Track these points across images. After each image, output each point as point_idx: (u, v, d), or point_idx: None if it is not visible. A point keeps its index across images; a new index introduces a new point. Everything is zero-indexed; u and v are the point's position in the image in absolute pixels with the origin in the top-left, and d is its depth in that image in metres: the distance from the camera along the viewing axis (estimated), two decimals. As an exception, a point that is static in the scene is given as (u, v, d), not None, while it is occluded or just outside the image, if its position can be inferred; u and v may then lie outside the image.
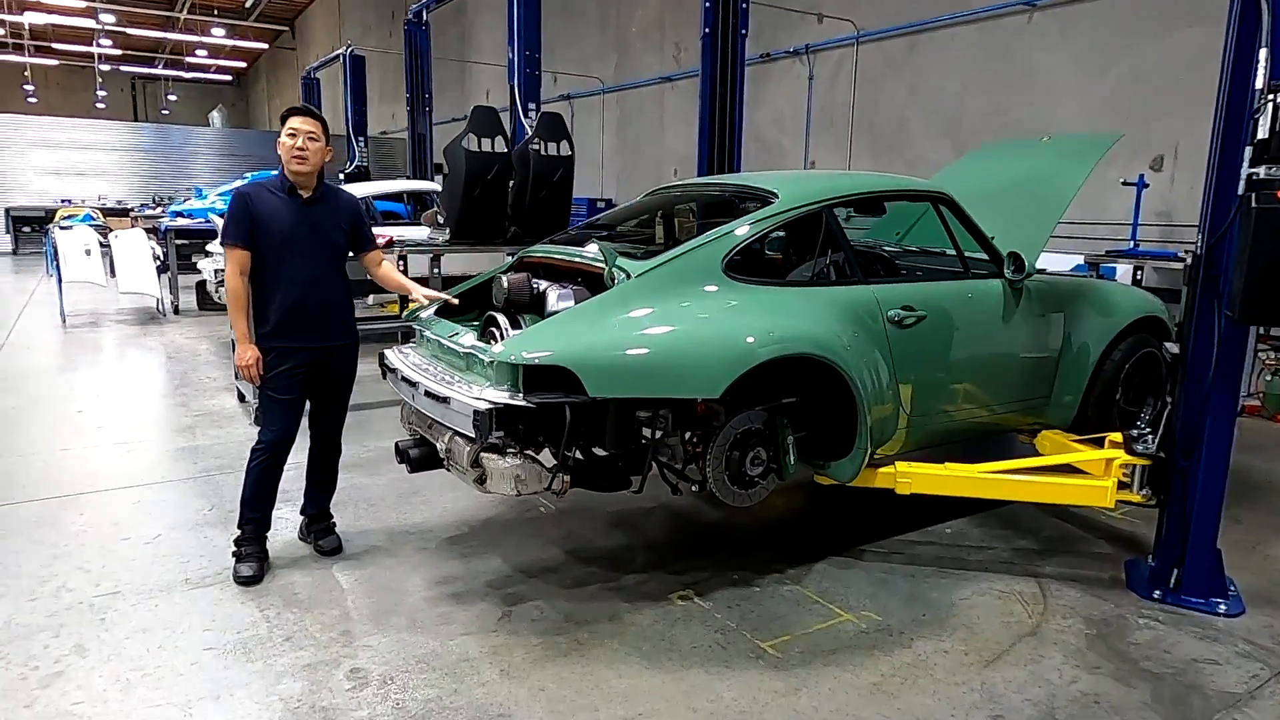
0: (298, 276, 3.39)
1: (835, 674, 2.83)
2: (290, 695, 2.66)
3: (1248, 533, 4.08)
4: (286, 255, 3.38)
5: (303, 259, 3.41)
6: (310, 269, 3.42)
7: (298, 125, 3.38)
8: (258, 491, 3.46)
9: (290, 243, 3.38)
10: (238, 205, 3.37)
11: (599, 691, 2.71)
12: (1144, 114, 8.15)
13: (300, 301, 3.40)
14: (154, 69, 36.73)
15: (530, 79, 8.31)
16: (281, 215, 3.38)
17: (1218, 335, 3.17)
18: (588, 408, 2.95)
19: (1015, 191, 4.50)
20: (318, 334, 3.47)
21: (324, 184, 3.53)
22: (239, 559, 3.45)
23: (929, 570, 3.63)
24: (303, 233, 3.40)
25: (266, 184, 3.48)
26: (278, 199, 3.40)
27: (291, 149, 3.36)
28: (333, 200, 3.55)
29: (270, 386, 3.43)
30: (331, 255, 3.51)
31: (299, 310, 3.41)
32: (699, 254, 3.23)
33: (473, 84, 20.76)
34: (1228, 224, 3.06)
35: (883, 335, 3.43)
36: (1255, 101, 2.94)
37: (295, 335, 3.42)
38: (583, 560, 3.69)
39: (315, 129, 3.42)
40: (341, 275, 3.57)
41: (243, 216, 3.35)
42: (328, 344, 3.50)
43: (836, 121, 11.58)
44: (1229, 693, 2.76)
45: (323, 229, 3.47)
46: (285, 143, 3.37)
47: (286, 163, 3.39)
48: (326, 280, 3.48)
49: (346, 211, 3.59)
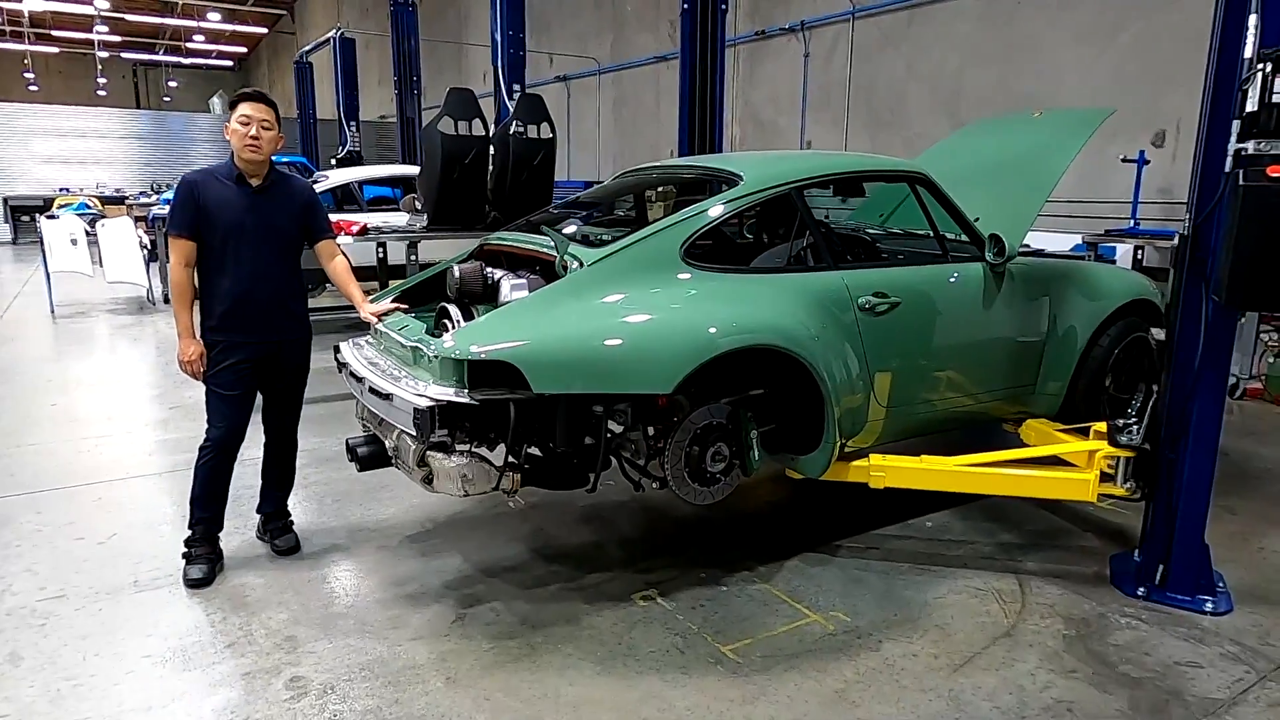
0: (246, 268, 3.26)
1: (796, 680, 2.70)
2: (224, 706, 2.55)
3: (1242, 524, 3.92)
4: (234, 246, 3.24)
5: (251, 250, 3.27)
6: (259, 261, 3.29)
7: (250, 112, 3.23)
8: (207, 490, 3.34)
9: (238, 233, 3.24)
10: (183, 194, 3.23)
11: (546, 700, 2.59)
12: (1147, 88, 7.90)
13: (248, 294, 3.27)
14: (154, 55, 36.56)
15: (514, 59, 8.16)
16: (230, 205, 3.24)
17: (1205, 320, 3.00)
18: (538, 403, 2.82)
19: (1004, 170, 4.32)
20: (266, 328, 3.33)
21: (274, 171, 3.39)
22: (189, 560, 3.34)
23: (905, 567, 3.50)
24: (251, 223, 3.26)
25: (215, 171, 3.32)
26: (226, 188, 3.26)
27: (244, 137, 3.21)
28: (284, 188, 3.40)
29: (215, 382, 3.30)
30: (282, 246, 3.37)
31: (247, 303, 3.28)
32: (656, 240, 3.08)
33: (470, 66, 20.52)
34: (1214, 202, 2.88)
35: (853, 323, 3.28)
36: (1244, 71, 2.76)
37: (242, 329, 3.29)
38: (546, 558, 3.57)
39: (269, 116, 3.28)
40: (293, 267, 3.43)
41: (188, 206, 3.21)
42: (277, 339, 3.37)
43: (833, 99, 11.34)
44: (1210, 699, 2.62)
45: (273, 219, 3.32)
46: (237, 130, 3.22)
47: (238, 151, 3.24)
48: (276, 272, 3.34)
49: (298, 200, 3.43)
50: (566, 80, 16.77)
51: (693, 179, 3.86)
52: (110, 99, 33.68)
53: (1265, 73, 2.66)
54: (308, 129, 17.09)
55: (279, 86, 37.60)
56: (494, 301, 3.27)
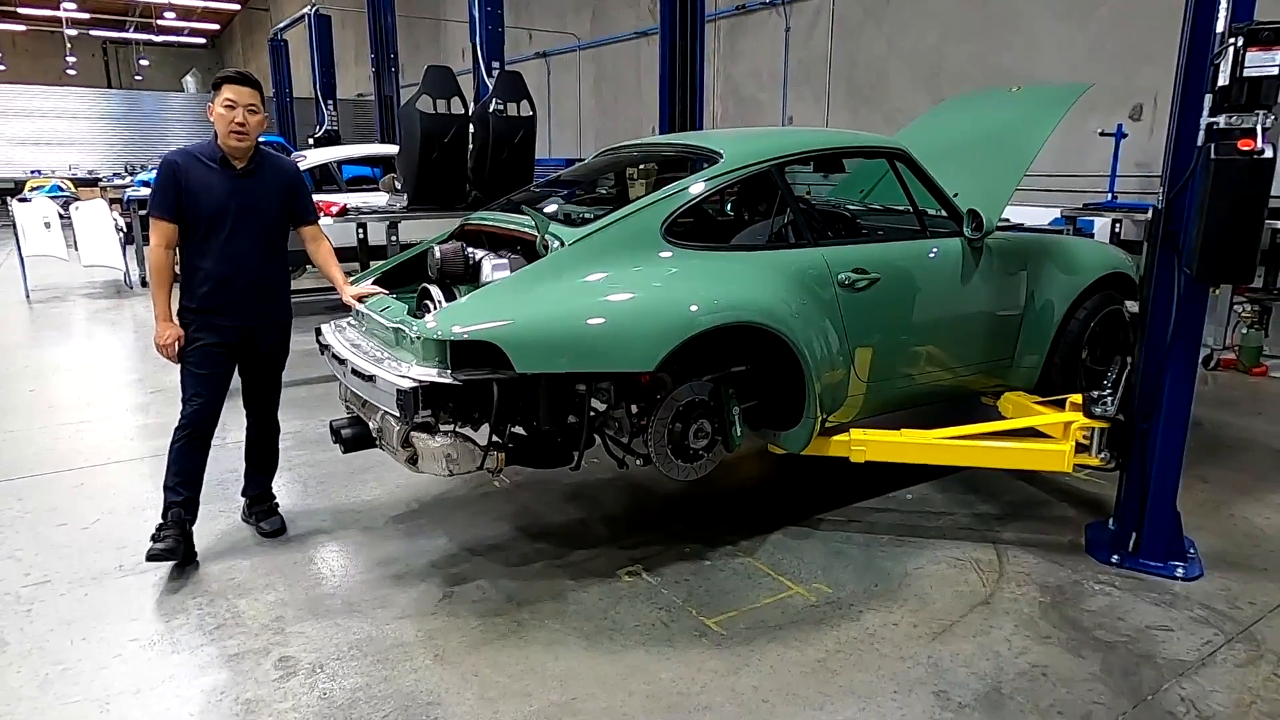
0: (229, 252, 3.21)
1: (779, 651, 2.76)
2: (213, 687, 2.57)
3: (1214, 492, 4.01)
4: (217, 230, 3.19)
5: (234, 234, 3.22)
6: (242, 244, 3.24)
7: (235, 97, 3.14)
8: (182, 472, 3.26)
9: (222, 217, 3.19)
10: (165, 175, 3.16)
11: (534, 676, 2.63)
12: (1124, 62, 7.94)
13: (230, 278, 3.23)
14: (125, 32, 35.81)
15: (493, 36, 8.07)
16: (213, 187, 3.17)
17: (1177, 293, 3.05)
18: (521, 382, 2.83)
19: (981, 145, 4.35)
20: (246, 312, 3.30)
21: (259, 153, 3.32)
22: (155, 540, 3.20)
23: (886, 539, 3.56)
24: (235, 206, 3.20)
25: (197, 152, 3.23)
26: (210, 170, 3.19)
27: (230, 122, 3.14)
28: (269, 170, 3.34)
29: (190, 359, 3.25)
30: (266, 230, 3.31)
31: (228, 286, 3.23)
32: (637, 219, 3.09)
33: (448, 43, 20.26)
34: (1187, 176, 2.92)
35: (833, 300, 3.31)
36: (1216, 46, 2.78)
37: (221, 312, 3.25)
38: (532, 536, 3.60)
39: (255, 100, 3.20)
40: (276, 251, 3.38)
41: (170, 188, 3.15)
42: (256, 322, 3.33)
43: (814, 75, 11.31)
44: (1180, 661, 2.70)
45: (257, 202, 3.26)
46: (223, 114, 3.14)
47: (223, 137, 3.17)
48: (259, 256, 3.29)
49: (283, 182, 3.38)
50: (546, 57, 16.62)
51: (673, 157, 3.85)
52: (80, 78, 33.01)
53: (1236, 47, 2.68)
54: (284, 108, 16.85)
55: (254, 64, 36.95)
56: (475, 281, 3.27)
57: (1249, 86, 2.68)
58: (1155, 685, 2.58)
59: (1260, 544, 3.51)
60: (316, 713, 2.45)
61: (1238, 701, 2.50)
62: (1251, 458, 4.50)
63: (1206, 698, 2.52)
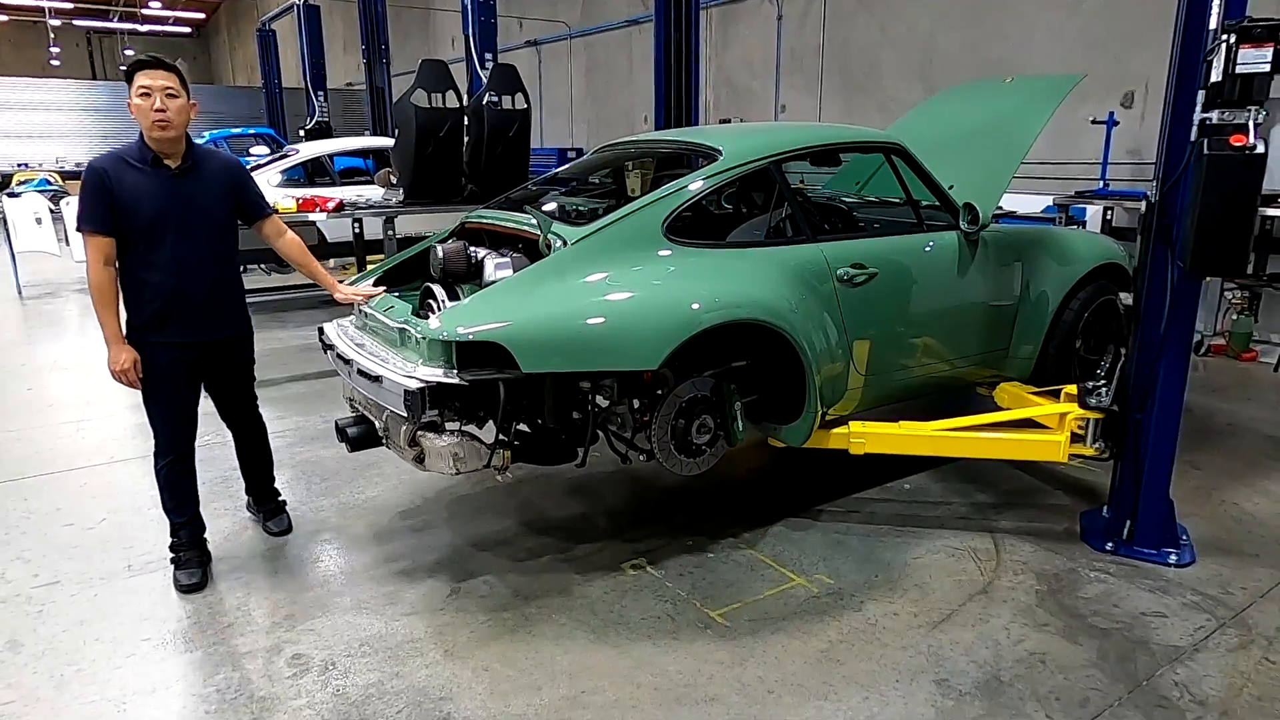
0: (174, 262, 2.93)
1: (783, 642, 2.81)
2: (227, 686, 2.61)
3: (1205, 478, 4.08)
4: (158, 238, 2.90)
5: (179, 241, 2.92)
6: (189, 251, 2.95)
7: (148, 82, 2.81)
8: (176, 496, 3.18)
9: (162, 224, 2.89)
10: (92, 185, 2.83)
11: (543, 669, 2.68)
12: (1116, 49, 7.98)
13: (180, 289, 2.96)
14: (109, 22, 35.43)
15: (485, 27, 8.05)
16: (147, 192, 2.87)
17: (1171, 285, 3.10)
18: (526, 381, 2.87)
19: (975, 137, 4.38)
20: (204, 326, 3.05)
21: (195, 149, 3.01)
22: (177, 565, 3.20)
23: (885, 529, 3.61)
24: (175, 210, 2.90)
25: (126, 155, 2.91)
26: (142, 173, 2.88)
27: (149, 112, 2.80)
28: (208, 167, 3.03)
29: (153, 389, 3.02)
30: (213, 233, 3.02)
31: (179, 300, 2.96)
32: (638, 217, 3.12)
33: (438, 32, 20.13)
34: (1180, 170, 2.97)
35: (832, 295, 3.35)
36: (1209, 43, 2.82)
37: (176, 330, 2.99)
38: (536, 531, 3.65)
39: (172, 83, 2.86)
40: (227, 255, 3.12)
41: (99, 198, 2.83)
42: (216, 336, 3.10)
43: (806, 63, 11.31)
44: (1174, 646, 2.76)
45: (199, 203, 2.97)
46: (139, 105, 2.81)
47: (146, 129, 2.85)
48: (210, 263, 3.02)
49: (225, 178, 3.07)
50: (537, 45, 16.54)
51: (671, 153, 3.88)
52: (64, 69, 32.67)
53: (1229, 44, 2.72)
54: (273, 99, 16.74)
55: (240, 54, 36.66)
56: (478, 280, 3.29)
57: (1241, 83, 2.73)
58: (1150, 671, 2.64)
59: (1251, 529, 3.58)
60: (331, 709, 2.50)
61: (1230, 685, 2.57)
62: (1241, 443, 4.58)
63: (1199, 682, 2.58)
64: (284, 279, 9.32)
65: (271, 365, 6.31)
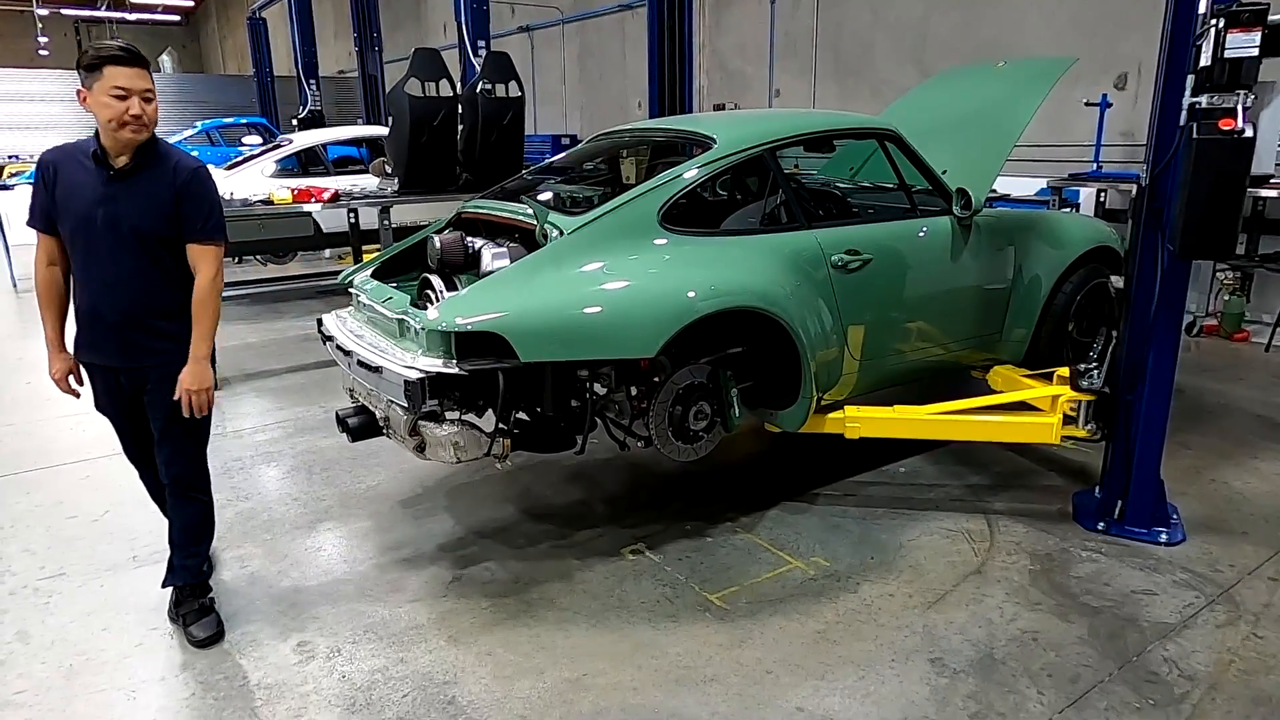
0: (95, 275, 2.58)
1: (781, 624, 2.86)
2: (235, 673, 2.66)
3: (1195, 458, 4.14)
4: (83, 245, 2.56)
5: (102, 251, 2.55)
6: (111, 265, 2.56)
7: (128, 84, 2.44)
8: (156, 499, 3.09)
9: (86, 229, 2.54)
10: (37, 177, 2.60)
11: (545, 654, 2.73)
12: (1109, 30, 7.98)
13: (95, 307, 2.60)
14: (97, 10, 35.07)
15: (478, 14, 8.03)
16: (80, 193, 2.53)
17: (1161, 269, 3.14)
18: (525, 370, 2.90)
19: (968, 122, 4.40)
20: (119, 353, 2.65)
21: (152, 148, 2.58)
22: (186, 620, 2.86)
23: (881, 512, 3.66)
24: (102, 216, 2.53)
25: (79, 149, 2.60)
26: (82, 169, 2.55)
27: (124, 114, 2.45)
28: (155, 170, 2.57)
29: (95, 402, 2.82)
30: (140, 248, 2.57)
31: (95, 319, 2.62)
32: (634, 206, 3.14)
33: (429, 18, 20.01)
34: (1170, 155, 2.99)
35: (827, 281, 3.38)
36: (1198, 27, 2.84)
37: (93, 351, 2.69)
38: (536, 518, 3.69)
39: (151, 85, 2.51)
40: (160, 276, 2.62)
41: (40, 191, 2.59)
42: (136, 365, 2.67)
43: (800, 48, 11.28)
44: (1163, 623, 2.82)
45: (128, 213, 2.53)
46: (112, 105, 2.43)
47: (112, 131, 2.47)
48: (135, 282, 2.59)
49: (169, 185, 2.56)
50: (529, 31, 16.45)
51: (666, 142, 3.89)
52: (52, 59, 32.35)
53: (1218, 28, 2.75)
54: (265, 88, 16.65)
55: (231, 42, 36.36)
56: (475, 270, 3.32)
57: (1230, 67, 2.75)
58: (1140, 647, 2.70)
59: (1240, 508, 3.64)
60: (337, 694, 2.55)
61: (1218, 661, 2.63)
62: (1232, 423, 4.63)
63: (1188, 658, 2.64)
64: (279, 269, 9.34)
65: (269, 356, 6.34)
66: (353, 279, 3.65)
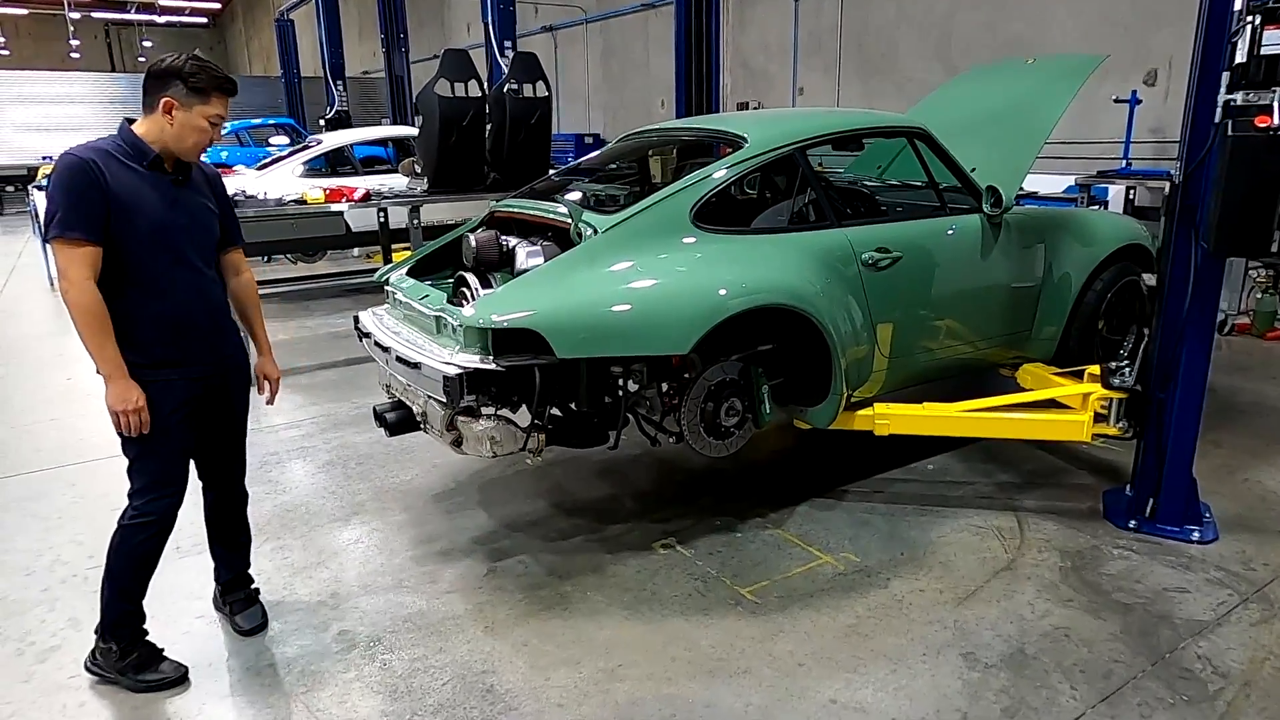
0: (181, 282, 2.52)
1: (812, 617, 2.89)
2: (280, 660, 2.73)
3: (1228, 457, 4.11)
4: (163, 254, 2.46)
5: (185, 257, 2.53)
6: (195, 270, 2.56)
7: (225, 112, 2.53)
8: (145, 572, 2.67)
9: (167, 236, 2.46)
10: (83, 180, 2.32)
11: (580, 645, 2.78)
12: (1139, 26, 7.91)
13: (189, 316, 2.55)
14: (126, 14, 35.64)
15: (505, 15, 8.10)
16: (150, 198, 2.43)
17: (1194, 267, 3.13)
18: (560, 366, 2.95)
19: (998, 119, 4.40)
20: (212, 356, 2.64)
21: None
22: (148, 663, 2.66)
23: (909, 508, 3.68)
24: (182, 221, 2.51)
25: (113, 150, 2.43)
26: (138, 174, 2.42)
27: (207, 141, 2.52)
28: (199, 174, 2.64)
29: (158, 436, 2.50)
30: (209, 250, 2.65)
31: (188, 328, 2.55)
32: (667, 205, 3.18)
33: (453, 18, 20.15)
34: (1205, 152, 2.99)
35: (857, 279, 3.40)
36: (1234, 24, 2.84)
37: (184, 360, 2.56)
38: (568, 512, 3.74)
39: None
40: (218, 275, 2.73)
41: (94, 197, 2.33)
42: (222, 367, 2.69)
43: (824, 45, 11.26)
44: (1196, 620, 2.82)
45: (201, 215, 2.59)
46: (207, 130, 2.48)
47: (186, 149, 2.49)
48: (212, 283, 2.66)
49: (215, 190, 2.69)
50: (553, 30, 16.53)
51: (695, 141, 3.93)
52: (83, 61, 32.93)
53: (1254, 25, 2.74)
54: (292, 88, 16.85)
55: (256, 43, 36.83)
56: (509, 268, 3.37)
57: (1266, 64, 2.75)
58: (1172, 644, 2.70)
59: (1273, 507, 3.62)
60: (379, 682, 2.61)
61: (1252, 659, 2.63)
62: (1265, 422, 4.59)
63: (1222, 655, 2.64)
64: (309, 269, 9.48)
65: (300, 353, 6.45)
66: (388, 277, 3.71)
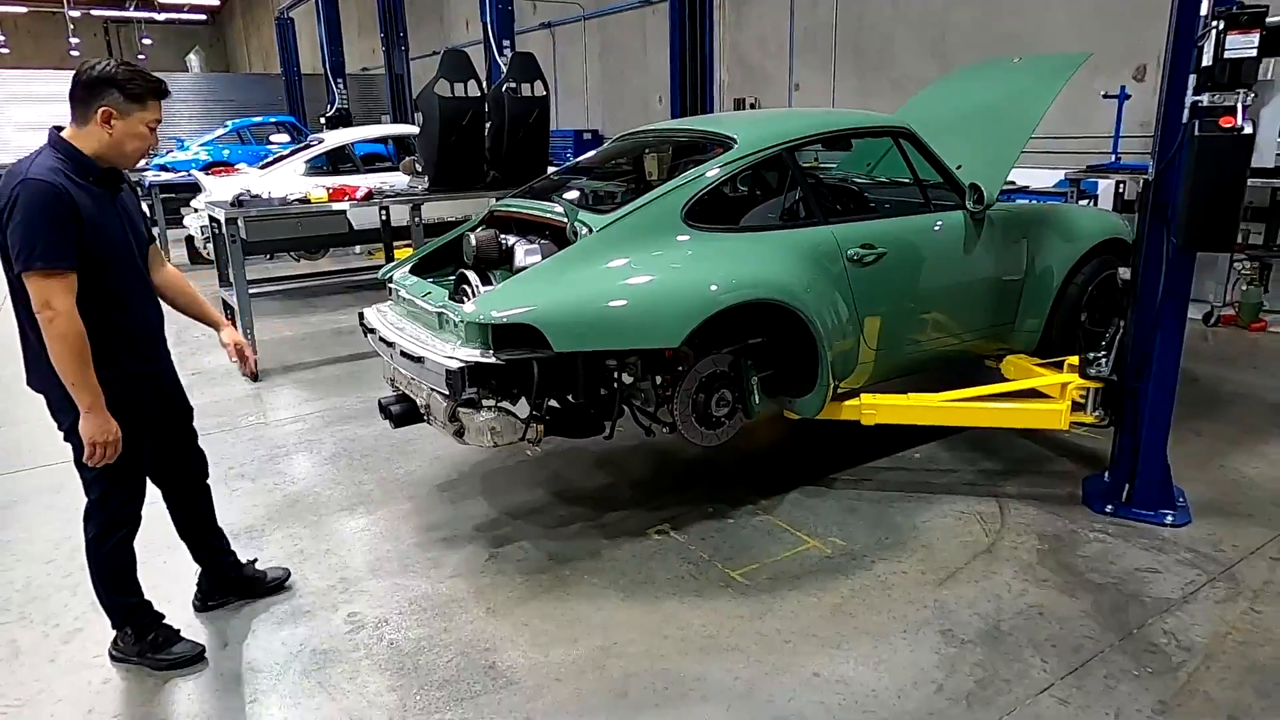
0: (140, 292, 2.59)
1: (799, 598, 3.03)
2: (292, 639, 2.88)
3: (1206, 445, 4.24)
4: (122, 267, 2.50)
5: (136, 267, 2.58)
6: (146, 279, 2.65)
7: (161, 116, 2.55)
8: (128, 572, 2.80)
9: (126, 249, 2.52)
10: (58, 209, 2.29)
11: (579, 625, 2.92)
12: (1129, 22, 8.01)
13: (154, 323, 2.65)
14: (125, 11, 35.70)
15: (503, 14, 8.21)
16: (108, 214, 2.46)
17: (1166, 261, 3.26)
18: (558, 360, 3.09)
19: (983, 117, 4.52)
20: (164, 353, 2.75)
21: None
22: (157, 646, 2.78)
23: (896, 495, 3.82)
24: (130, 234, 2.55)
25: (64, 170, 2.36)
26: (90, 192, 2.40)
27: (150, 146, 2.56)
28: (126, 184, 2.65)
29: (129, 446, 2.53)
30: (146, 250, 2.68)
31: (150, 334, 2.63)
32: (659, 204, 3.31)
33: (451, 14, 20.23)
34: (1174, 150, 3.12)
35: (843, 275, 3.53)
36: (1200, 28, 2.96)
37: (150, 368, 2.65)
38: (566, 501, 3.88)
39: None
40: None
41: (69, 224, 2.31)
42: (166, 354, 2.78)
43: (820, 42, 11.36)
44: (1165, 599, 2.96)
45: (138, 221, 2.64)
46: (147, 137, 2.49)
47: (124, 156, 2.48)
48: (152, 289, 2.71)
49: (134, 197, 2.70)
50: (551, 27, 16.62)
51: (687, 142, 4.06)
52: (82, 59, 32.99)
53: (1218, 30, 2.87)
54: (293, 86, 16.95)
55: (255, 40, 36.86)
56: (509, 266, 3.50)
57: (1230, 67, 2.87)
58: (1140, 620, 2.84)
59: (1247, 492, 3.75)
60: (387, 660, 2.75)
61: (1215, 633, 2.77)
62: (1245, 411, 4.72)
63: (1187, 630, 2.78)
64: (311, 265, 9.61)
65: (304, 349, 6.59)
66: (391, 274, 3.85)
